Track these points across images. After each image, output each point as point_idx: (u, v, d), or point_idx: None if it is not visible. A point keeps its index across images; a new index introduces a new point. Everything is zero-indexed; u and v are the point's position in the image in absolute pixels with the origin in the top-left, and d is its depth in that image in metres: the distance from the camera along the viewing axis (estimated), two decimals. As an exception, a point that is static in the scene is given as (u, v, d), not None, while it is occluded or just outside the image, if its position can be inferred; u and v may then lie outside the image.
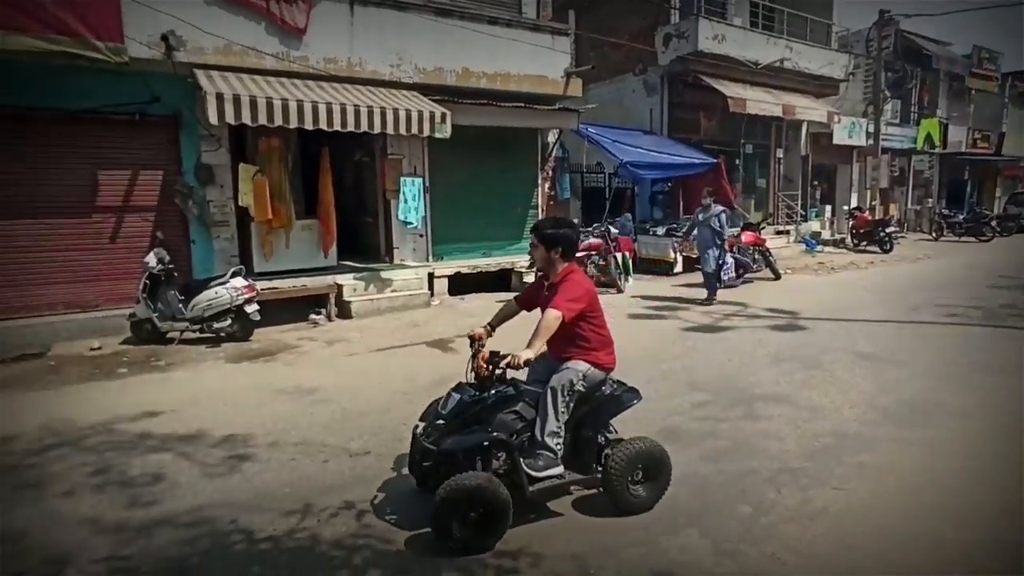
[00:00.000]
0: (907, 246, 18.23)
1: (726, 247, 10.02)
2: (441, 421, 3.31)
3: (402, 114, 8.59)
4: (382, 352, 7.23)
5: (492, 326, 3.67)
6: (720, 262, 9.82)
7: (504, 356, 3.22)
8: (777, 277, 12.07)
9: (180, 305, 7.51)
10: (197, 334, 7.62)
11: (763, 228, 14.00)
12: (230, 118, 7.46)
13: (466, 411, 3.28)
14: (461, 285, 10.63)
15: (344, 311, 8.96)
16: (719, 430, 4.74)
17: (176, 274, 7.85)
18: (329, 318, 8.84)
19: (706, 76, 14.74)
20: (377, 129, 8.51)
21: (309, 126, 8.00)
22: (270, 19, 8.44)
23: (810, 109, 16.66)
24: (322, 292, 8.94)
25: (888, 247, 16.49)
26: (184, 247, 8.66)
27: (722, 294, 10.13)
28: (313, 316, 8.76)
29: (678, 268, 12.58)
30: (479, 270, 10.81)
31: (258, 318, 7.74)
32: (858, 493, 3.79)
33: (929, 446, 4.44)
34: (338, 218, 9.62)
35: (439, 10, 9.79)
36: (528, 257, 10.22)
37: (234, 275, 7.70)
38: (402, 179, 9.71)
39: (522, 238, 11.65)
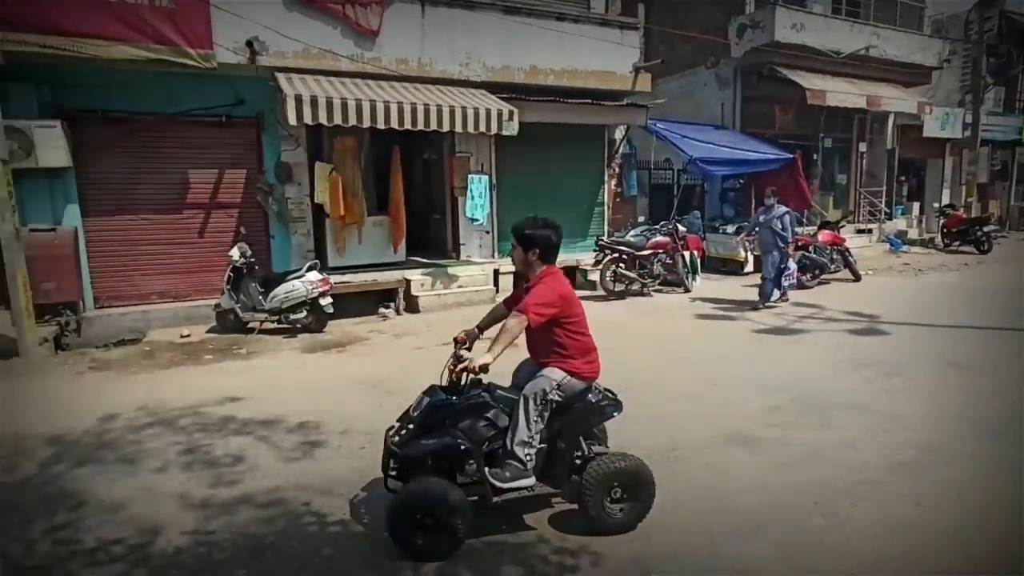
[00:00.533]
0: (1009, 246, 16.83)
1: (789, 251, 9.28)
2: (411, 424, 3.25)
3: (470, 112, 8.71)
4: (448, 346, 7.35)
5: (480, 328, 3.62)
6: (781, 266, 9.18)
7: (465, 360, 3.15)
8: (857, 279, 11.45)
9: (260, 297, 7.93)
10: (275, 324, 8.03)
11: (842, 227, 13.29)
12: (308, 118, 7.79)
13: (434, 415, 3.21)
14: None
15: (412, 305, 9.20)
16: (791, 437, 4.57)
17: (257, 267, 8.29)
18: (398, 312, 9.11)
19: (783, 68, 14.11)
20: (446, 127, 8.67)
21: (381, 125, 8.24)
22: (345, 22, 8.75)
23: (898, 100, 15.64)
24: (391, 286, 9.21)
25: (985, 247, 15.26)
26: (264, 242, 9.14)
27: (796, 295, 9.72)
28: (383, 310, 9.05)
29: (748, 267, 12.14)
30: (544, 267, 10.82)
31: (331, 310, 8.07)
32: (943, 511, 3.56)
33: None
34: (407, 214, 9.88)
35: (507, 8, 9.84)
36: (594, 255, 10.15)
37: (310, 269, 8.06)
38: (470, 176, 9.86)
39: (587, 235, 11.59)
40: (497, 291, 10.06)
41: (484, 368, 3.09)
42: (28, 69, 7.38)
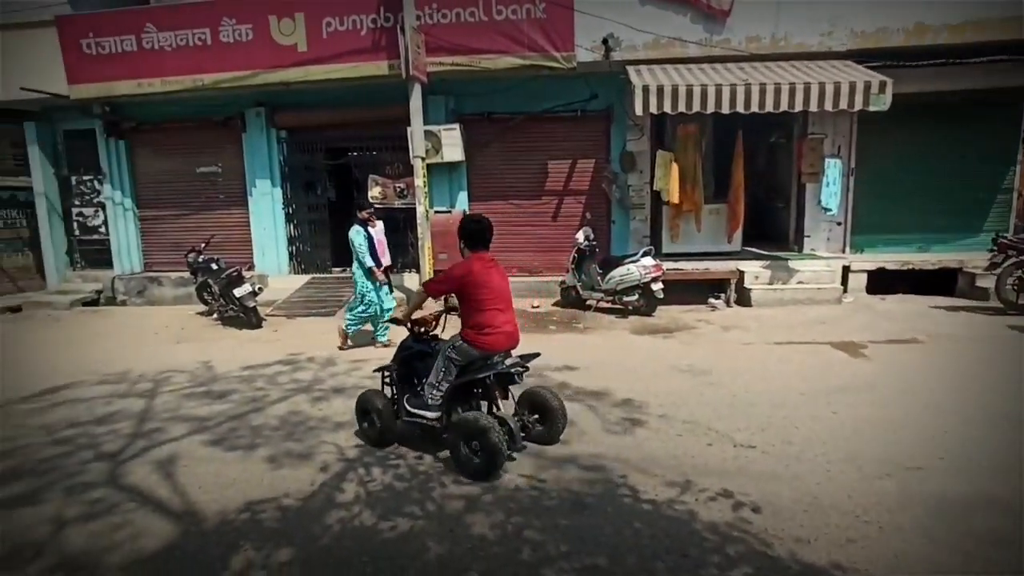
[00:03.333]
0: None
1: None
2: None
3: (829, 88, 7.79)
4: (779, 346, 6.90)
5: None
6: None
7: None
8: None
9: (599, 278, 8.65)
10: (609, 304, 8.67)
11: None
12: (653, 108, 8.05)
13: (402, 352, 4.57)
14: (883, 283, 9.18)
15: (743, 298, 8.82)
16: None
17: (598, 250, 9.05)
18: (727, 304, 8.86)
19: None
20: (798, 107, 7.94)
21: (726, 110, 8.01)
22: (696, 8, 8.69)
23: None
24: (723, 277, 8.99)
25: None
26: (605, 226, 9.90)
27: None
28: (712, 300, 8.91)
29: None
30: (910, 267, 9.11)
31: (662, 296, 8.33)
32: None
33: None
34: (745, 203, 9.44)
35: (890, -42, 8.39)
36: (988, 256, 8.12)
37: (644, 254, 8.43)
38: (825, 160, 8.87)
39: (981, 231, 9.34)
40: (844, 291, 8.90)
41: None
42: (439, 85, 9.37)
